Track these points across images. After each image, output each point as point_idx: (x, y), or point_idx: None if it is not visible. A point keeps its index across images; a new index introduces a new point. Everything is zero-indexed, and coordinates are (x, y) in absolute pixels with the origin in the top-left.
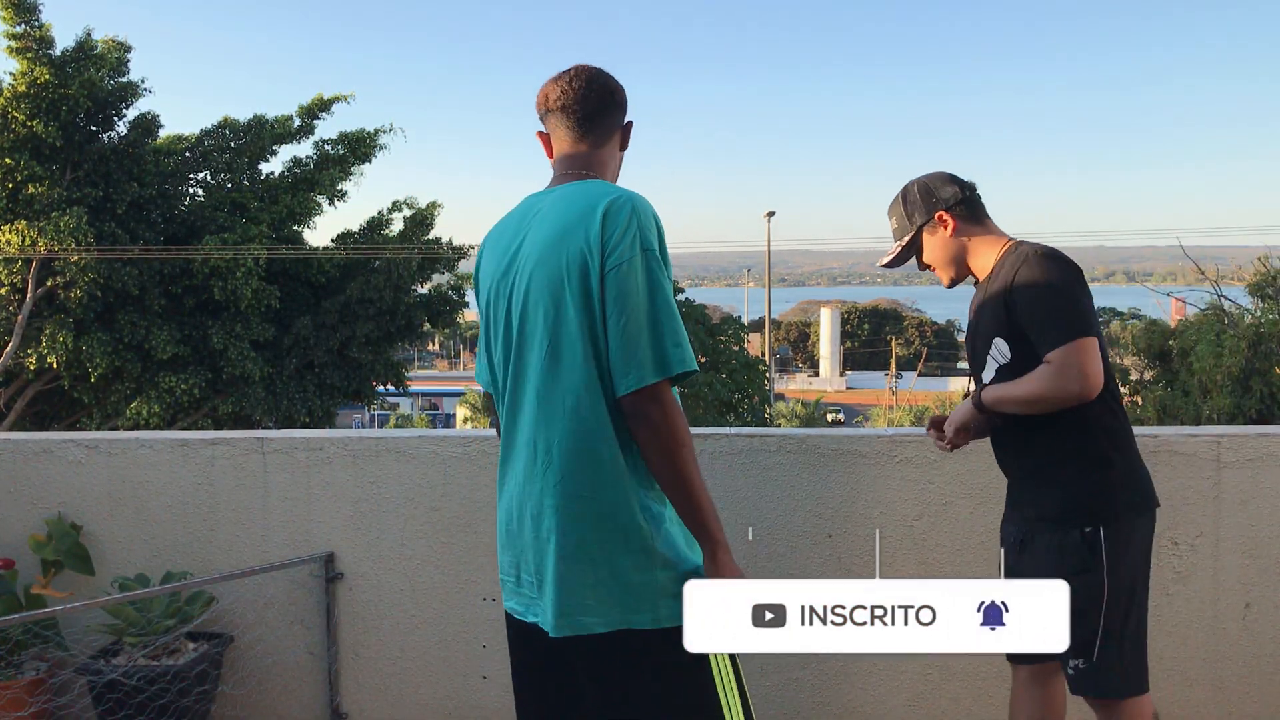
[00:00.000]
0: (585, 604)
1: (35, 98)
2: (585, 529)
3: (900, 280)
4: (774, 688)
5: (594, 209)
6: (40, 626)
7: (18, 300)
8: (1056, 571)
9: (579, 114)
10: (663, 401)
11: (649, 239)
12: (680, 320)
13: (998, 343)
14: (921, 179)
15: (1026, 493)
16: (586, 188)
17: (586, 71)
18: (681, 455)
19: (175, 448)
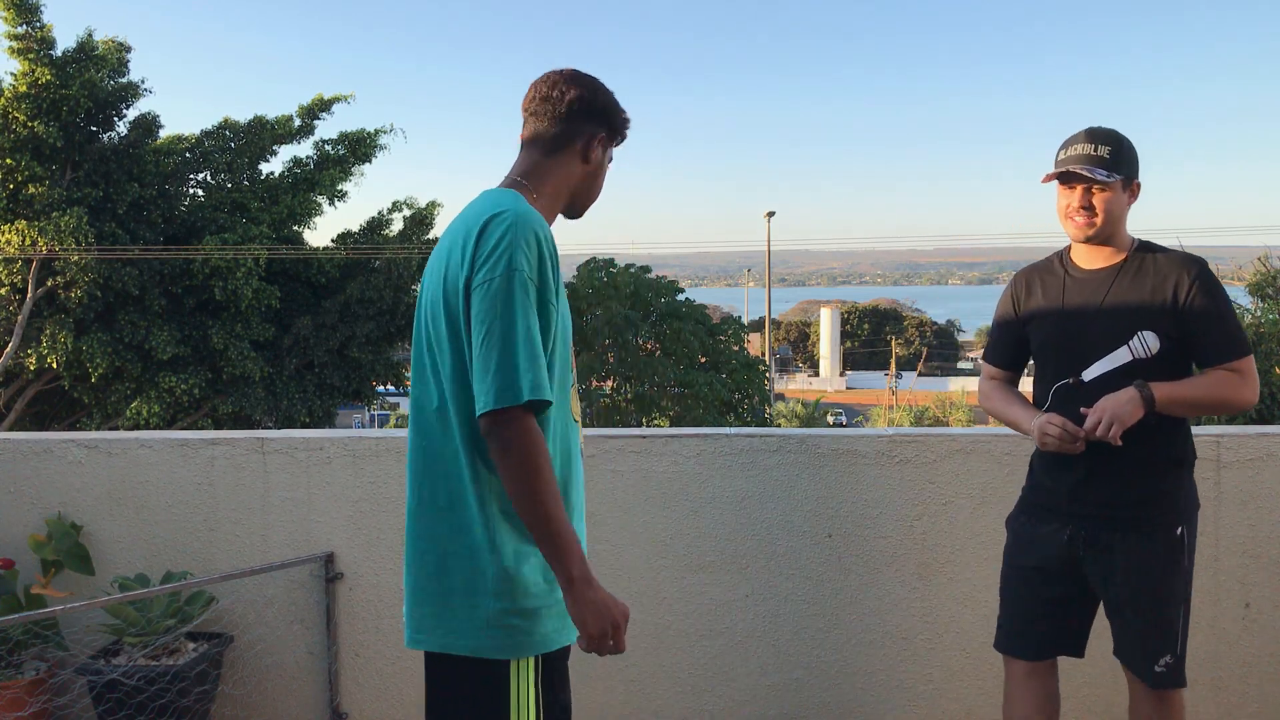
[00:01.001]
0: (423, 619)
1: (36, 98)
2: (431, 546)
3: (900, 280)
4: (774, 688)
5: (476, 224)
6: (40, 626)
7: (18, 300)
8: (1157, 572)
9: (534, 118)
10: (513, 427)
11: (519, 259)
12: (539, 346)
13: (1147, 335)
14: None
15: (1115, 492)
16: (487, 199)
17: (556, 75)
18: (532, 484)
19: (175, 448)
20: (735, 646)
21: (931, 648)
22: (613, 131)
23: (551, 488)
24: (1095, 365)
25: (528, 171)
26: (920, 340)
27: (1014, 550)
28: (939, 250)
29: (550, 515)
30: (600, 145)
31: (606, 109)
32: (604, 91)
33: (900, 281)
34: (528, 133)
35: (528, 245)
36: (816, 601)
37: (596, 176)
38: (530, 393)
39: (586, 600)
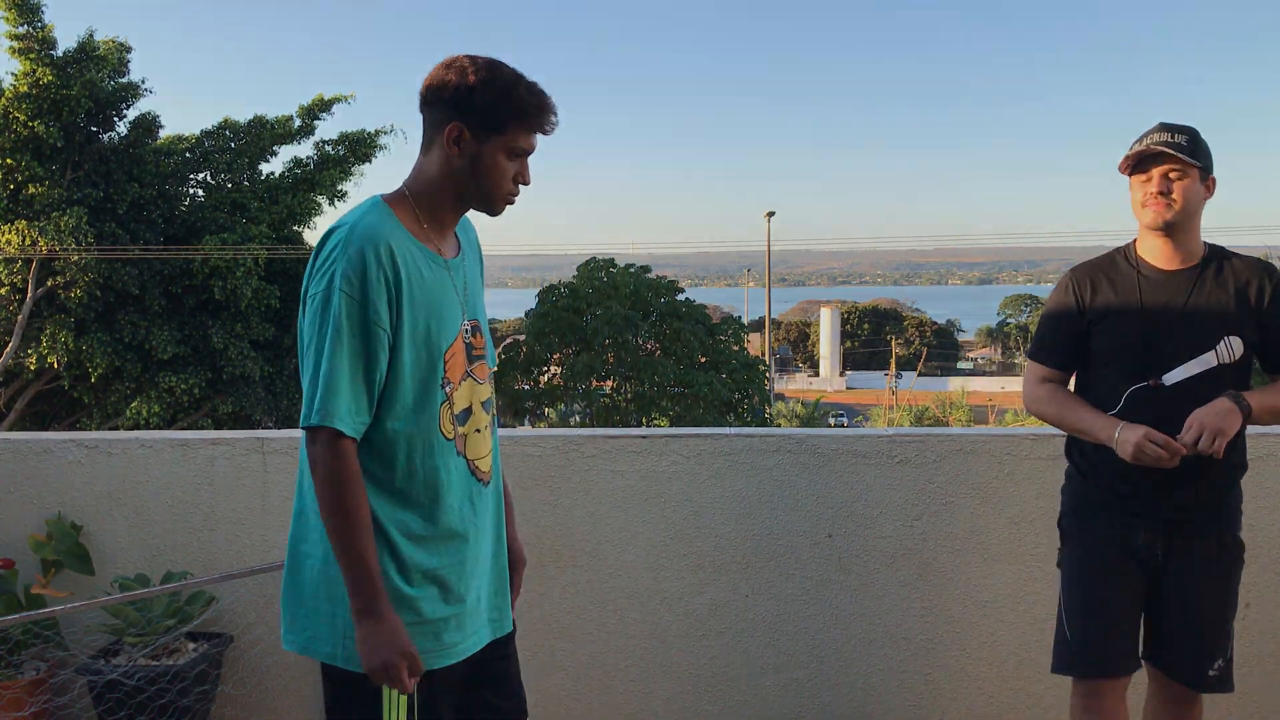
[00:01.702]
0: (290, 619)
1: (37, 98)
2: (294, 549)
3: (900, 280)
4: (774, 688)
5: (322, 236)
6: (40, 626)
7: (18, 300)
8: (1225, 575)
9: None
10: (315, 447)
11: (338, 277)
12: (346, 372)
13: (1233, 340)
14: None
15: (1196, 496)
16: (351, 210)
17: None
18: (329, 508)
19: (175, 448)
20: (735, 646)
21: (931, 648)
22: (481, 121)
23: (350, 513)
24: (1178, 369)
25: (411, 175)
26: (920, 340)
27: (1086, 556)
28: (939, 250)
29: (343, 541)
30: (467, 135)
31: (467, 96)
32: (476, 79)
33: (900, 281)
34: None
35: (352, 262)
36: (816, 601)
37: (479, 170)
38: (316, 418)
39: (364, 633)
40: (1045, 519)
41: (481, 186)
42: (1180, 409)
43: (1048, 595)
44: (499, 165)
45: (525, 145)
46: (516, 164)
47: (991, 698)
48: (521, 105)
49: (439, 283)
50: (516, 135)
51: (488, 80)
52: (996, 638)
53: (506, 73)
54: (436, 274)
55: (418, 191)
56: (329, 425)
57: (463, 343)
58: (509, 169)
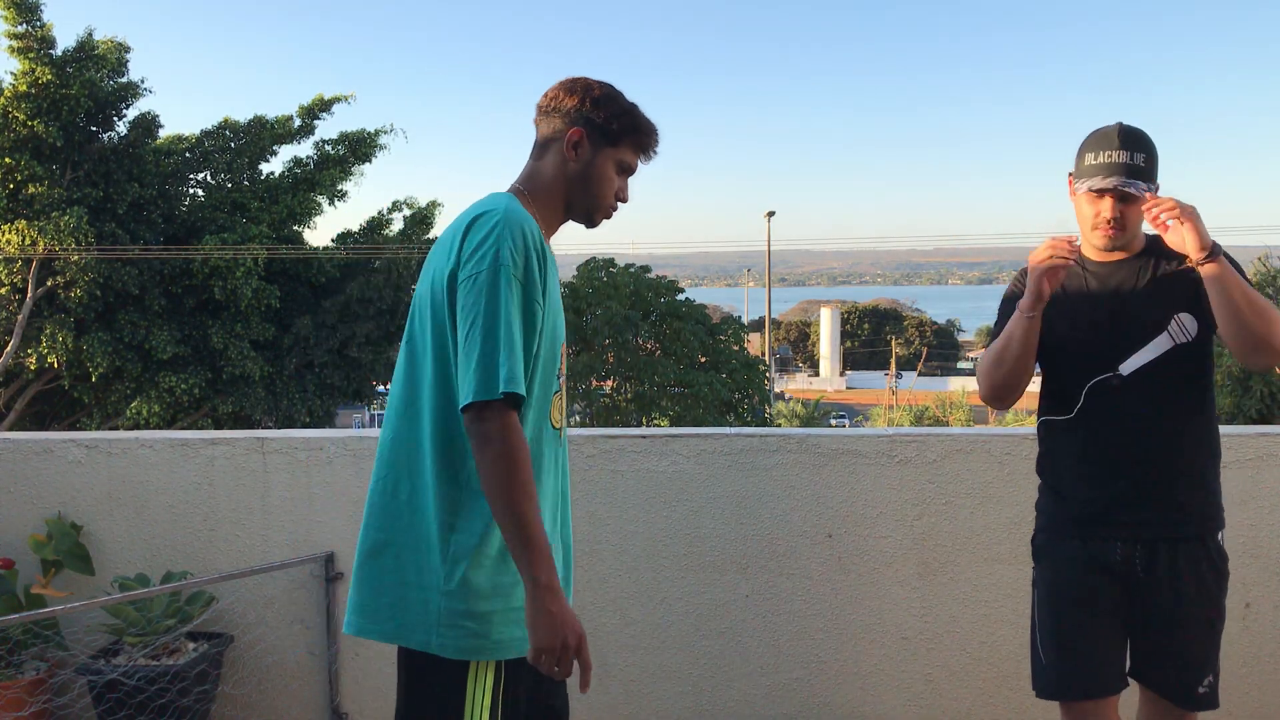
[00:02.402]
0: (371, 607)
1: (36, 98)
2: (387, 535)
3: (900, 280)
4: (774, 688)
5: (464, 221)
6: (40, 626)
7: (18, 300)
8: (1211, 584)
9: (536, 124)
10: (489, 422)
11: (505, 255)
12: (518, 341)
13: (1184, 318)
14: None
15: (1171, 498)
16: (480, 201)
17: (559, 81)
18: (505, 483)
19: (175, 448)
20: (735, 646)
21: (931, 648)
22: (601, 131)
23: (527, 488)
24: (1134, 357)
25: (525, 177)
26: (920, 340)
27: (1058, 579)
28: (939, 250)
29: (521, 516)
30: (586, 143)
31: (594, 108)
32: (600, 93)
33: (900, 281)
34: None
35: (514, 242)
36: (816, 601)
37: (590, 178)
38: (506, 385)
39: (545, 609)
40: None
41: (590, 193)
42: (1142, 398)
43: None
44: (608, 176)
45: (631, 163)
46: (621, 180)
47: (991, 698)
48: (639, 124)
49: (556, 279)
50: (627, 151)
51: (612, 96)
52: (996, 638)
53: (624, 96)
54: (554, 271)
55: (534, 191)
56: (518, 391)
57: (565, 345)
58: (615, 182)
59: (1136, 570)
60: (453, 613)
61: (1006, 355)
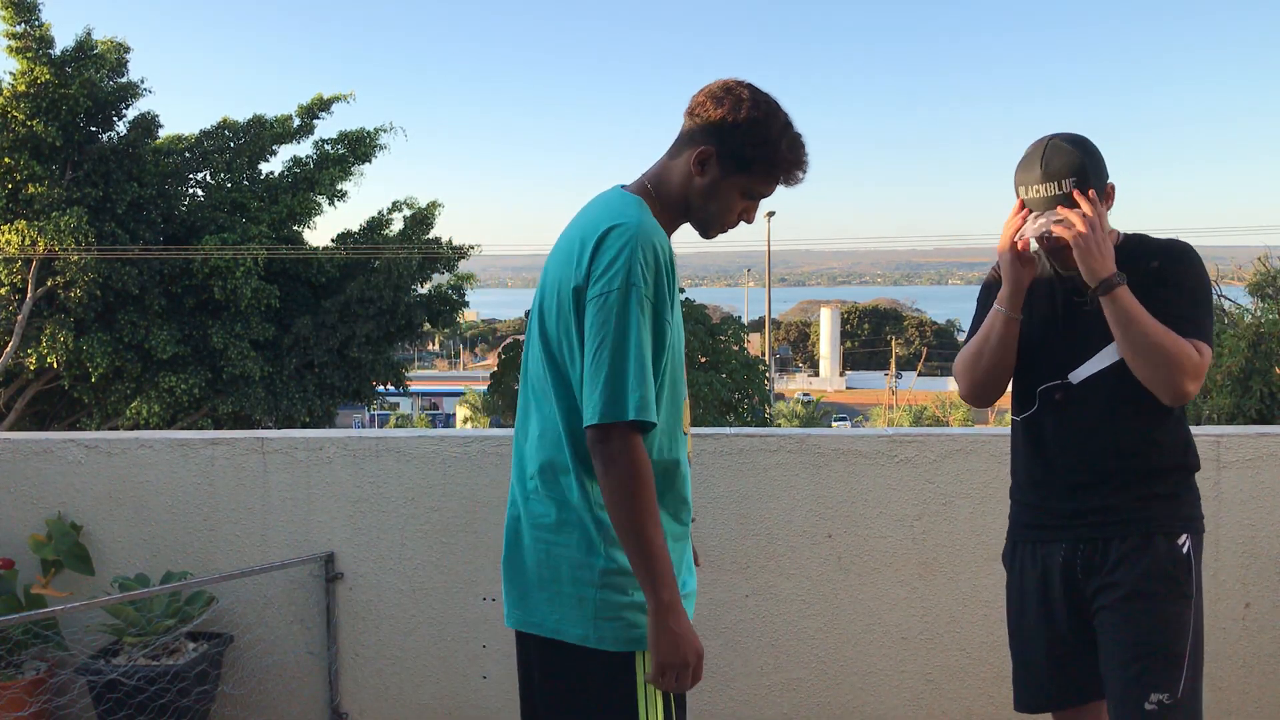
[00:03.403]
0: (533, 601)
1: (35, 97)
2: (544, 532)
3: (900, 280)
4: (774, 688)
5: (595, 232)
6: (40, 626)
7: (18, 300)
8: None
9: (684, 116)
10: (614, 444)
11: (636, 274)
12: (648, 365)
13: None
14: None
15: (1109, 496)
16: (611, 206)
17: (717, 83)
18: (629, 505)
19: (175, 448)
20: (735, 646)
21: (931, 648)
22: (734, 156)
23: (650, 510)
24: (1084, 365)
25: (654, 174)
26: (920, 340)
27: (1013, 588)
28: (939, 250)
29: (644, 537)
30: (712, 162)
31: (731, 129)
32: (747, 116)
33: (900, 281)
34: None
35: (645, 260)
36: (816, 601)
37: (713, 196)
38: (636, 412)
39: (667, 628)
40: None
41: (708, 211)
42: (1090, 405)
43: None
44: (732, 200)
45: (763, 191)
46: (747, 204)
47: (991, 698)
48: (777, 158)
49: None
50: (759, 180)
51: (757, 122)
52: (996, 638)
53: (778, 122)
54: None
55: (661, 194)
56: (649, 419)
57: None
58: (738, 206)
59: (1077, 573)
60: (612, 605)
61: (984, 352)
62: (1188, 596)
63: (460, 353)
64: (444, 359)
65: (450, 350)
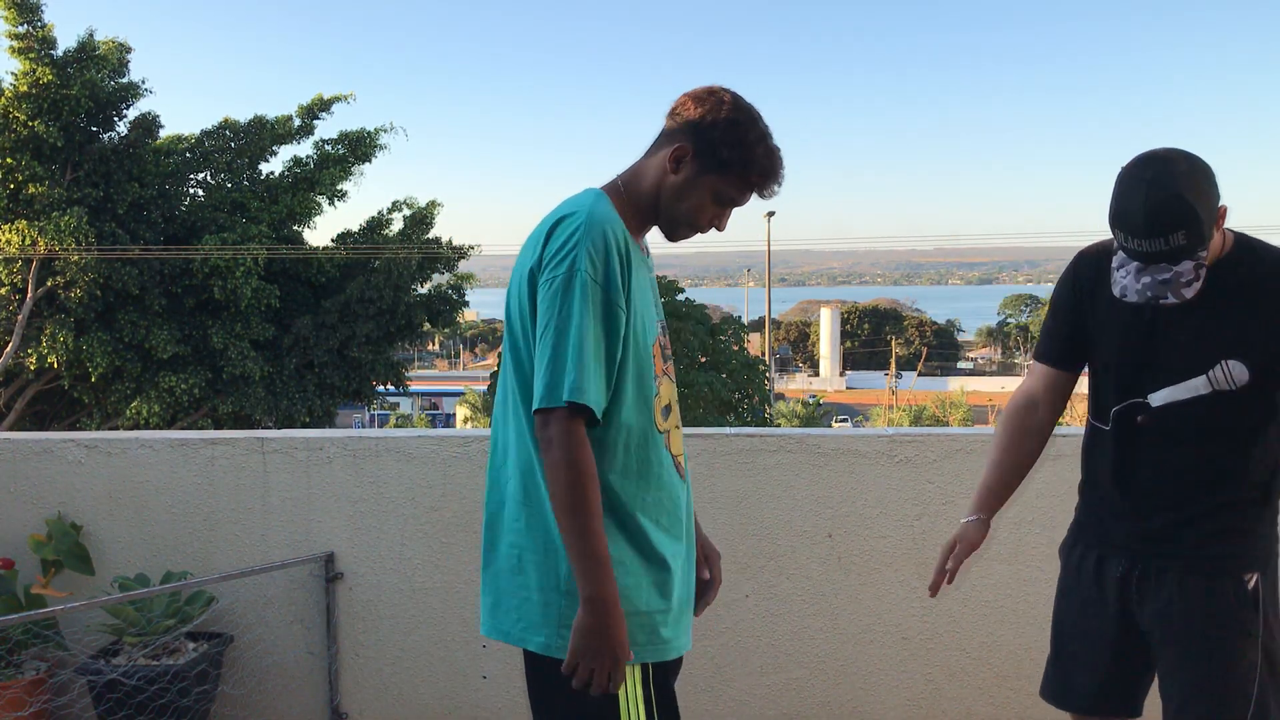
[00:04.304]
0: (503, 608)
1: (37, 98)
2: (515, 536)
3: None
4: (774, 688)
5: (550, 221)
6: (40, 626)
7: (18, 300)
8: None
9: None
10: (550, 429)
11: (583, 260)
12: (590, 350)
13: (1233, 365)
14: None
15: (1186, 530)
16: (570, 199)
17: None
18: (563, 493)
19: (175, 448)
20: (735, 646)
21: (931, 648)
22: (710, 155)
23: (585, 499)
24: (1165, 391)
25: (630, 171)
26: (920, 340)
27: (1063, 584)
28: (939, 250)
29: (577, 525)
30: (688, 161)
31: (709, 129)
32: (725, 117)
33: (900, 281)
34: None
35: (594, 246)
36: (816, 601)
37: (684, 195)
38: (570, 394)
39: (592, 624)
40: (1045, 519)
41: (677, 211)
42: (1175, 435)
43: (1048, 595)
44: (703, 201)
45: (735, 198)
46: (719, 209)
47: (991, 697)
48: (752, 162)
49: (645, 278)
50: (733, 185)
51: (735, 124)
52: (996, 638)
53: (757, 128)
54: (644, 269)
55: (632, 190)
56: (582, 402)
57: (660, 340)
58: (710, 210)
59: (1131, 591)
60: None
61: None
62: (1252, 635)
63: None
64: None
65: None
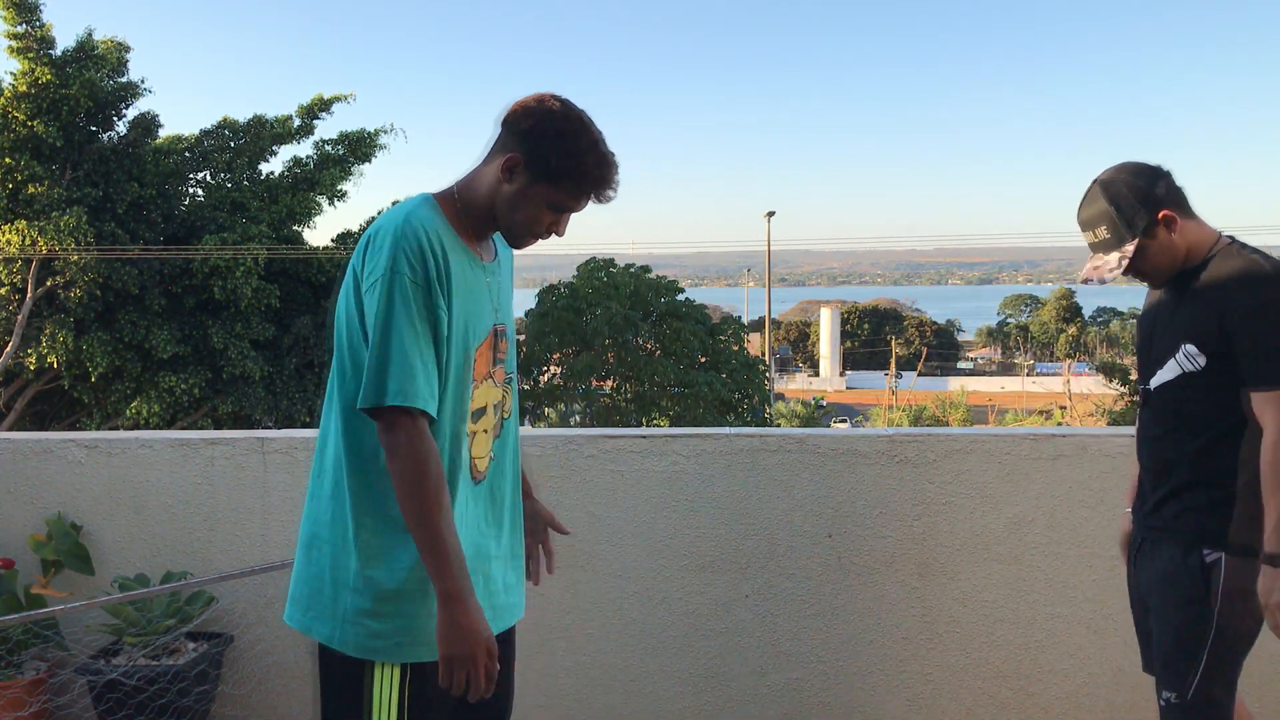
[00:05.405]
0: (297, 596)
1: (36, 98)
2: (313, 528)
3: (900, 280)
4: (774, 688)
5: (373, 229)
6: (40, 626)
7: (18, 300)
8: (1176, 592)
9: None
10: (391, 429)
11: (400, 262)
12: (411, 351)
13: (1189, 349)
14: (1124, 176)
15: (1165, 499)
16: (399, 204)
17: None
18: (408, 492)
19: (175, 448)
20: (735, 646)
21: (931, 648)
22: (540, 165)
23: (430, 498)
24: (1158, 374)
25: (465, 179)
26: (920, 340)
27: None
28: (939, 250)
29: (427, 523)
30: (520, 170)
31: (539, 139)
32: (554, 127)
33: (900, 281)
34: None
35: (410, 250)
36: (816, 601)
37: (519, 205)
38: (394, 397)
39: (451, 619)
40: (1045, 519)
41: (513, 220)
42: (1156, 413)
43: (1048, 595)
44: (538, 211)
45: (570, 205)
46: (555, 216)
47: (991, 697)
48: (580, 172)
49: (475, 282)
50: (566, 194)
51: (563, 133)
52: (996, 638)
53: (586, 137)
54: (474, 273)
55: (466, 198)
56: (412, 405)
57: (490, 344)
58: (545, 218)
59: (1137, 563)
60: (360, 612)
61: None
62: (1203, 603)
63: None
64: None
65: None
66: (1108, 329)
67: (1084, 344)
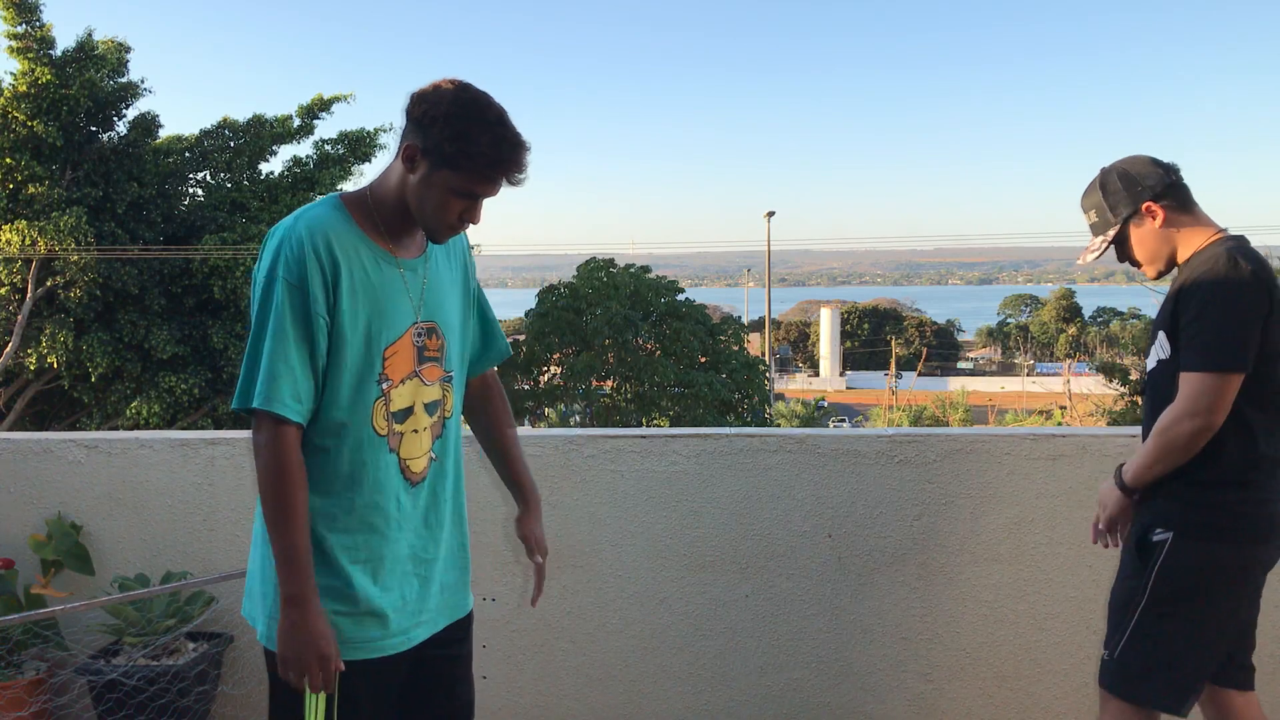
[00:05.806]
0: (249, 589)
1: (36, 98)
2: (256, 524)
3: (900, 280)
4: (774, 688)
5: (271, 231)
6: (40, 626)
7: (18, 300)
8: (1125, 563)
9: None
10: (256, 431)
11: (276, 267)
12: (278, 356)
13: (1161, 337)
14: (1121, 165)
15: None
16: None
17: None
18: (263, 494)
19: (175, 448)
20: (735, 646)
21: (931, 648)
22: (435, 151)
23: (285, 502)
24: (1147, 363)
25: (378, 177)
26: (920, 340)
27: None
28: (939, 250)
29: (277, 525)
30: (419, 159)
31: (432, 124)
32: (441, 111)
33: (900, 281)
34: None
35: (292, 252)
36: (816, 601)
37: (424, 195)
38: (258, 401)
39: (289, 622)
40: (1045, 519)
41: (423, 211)
42: (1147, 397)
43: (1048, 595)
44: (444, 199)
45: (476, 190)
46: (465, 203)
47: (991, 697)
48: (476, 154)
49: (386, 280)
50: (467, 179)
51: (455, 116)
52: (996, 638)
53: (480, 118)
54: (384, 272)
55: (377, 195)
56: (272, 410)
57: (411, 342)
58: (454, 206)
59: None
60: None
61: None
62: (1139, 577)
63: None
64: None
65: None
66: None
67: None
